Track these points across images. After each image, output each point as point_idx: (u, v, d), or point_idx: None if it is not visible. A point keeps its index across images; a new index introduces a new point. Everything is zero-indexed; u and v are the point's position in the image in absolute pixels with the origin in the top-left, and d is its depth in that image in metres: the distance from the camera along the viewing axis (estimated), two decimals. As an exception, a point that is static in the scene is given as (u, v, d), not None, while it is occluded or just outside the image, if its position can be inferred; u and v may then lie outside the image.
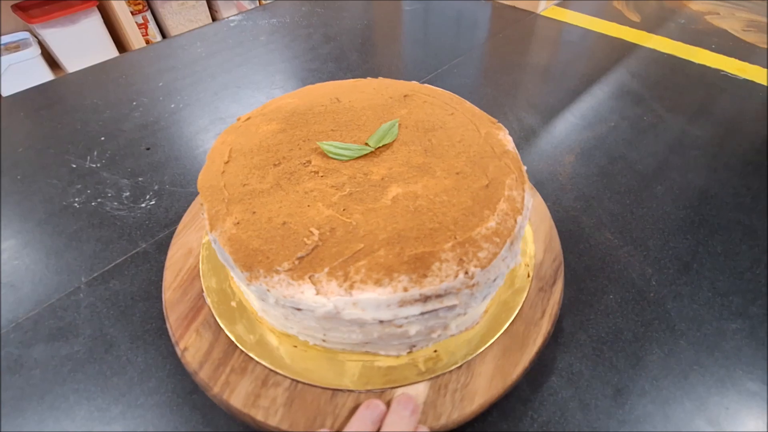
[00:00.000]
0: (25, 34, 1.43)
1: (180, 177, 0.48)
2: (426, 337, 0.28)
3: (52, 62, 1.49)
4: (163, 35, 1.71)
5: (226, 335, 0.31)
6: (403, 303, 0.24)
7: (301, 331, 0.29)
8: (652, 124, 0.55)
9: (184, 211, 0.40)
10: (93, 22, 1.48)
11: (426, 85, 0.38)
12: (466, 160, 0.30)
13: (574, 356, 0.33)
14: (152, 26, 1.64)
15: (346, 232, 0.25)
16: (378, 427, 0.25)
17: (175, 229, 0.38)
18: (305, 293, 0.24)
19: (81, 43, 1.47)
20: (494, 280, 0.27)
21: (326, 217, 0.26)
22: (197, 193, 0.44)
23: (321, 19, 0.81)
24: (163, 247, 0.40)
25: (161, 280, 0.34)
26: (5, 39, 1.41)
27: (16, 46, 1.40)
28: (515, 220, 0.27)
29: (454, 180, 0.28)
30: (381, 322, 0.25)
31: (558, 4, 0.84)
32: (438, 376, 0.28)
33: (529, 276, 0.33)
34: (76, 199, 0.46)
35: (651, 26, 0.77)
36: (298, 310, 0.25)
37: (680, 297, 0.36)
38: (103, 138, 0.54)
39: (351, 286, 0.23)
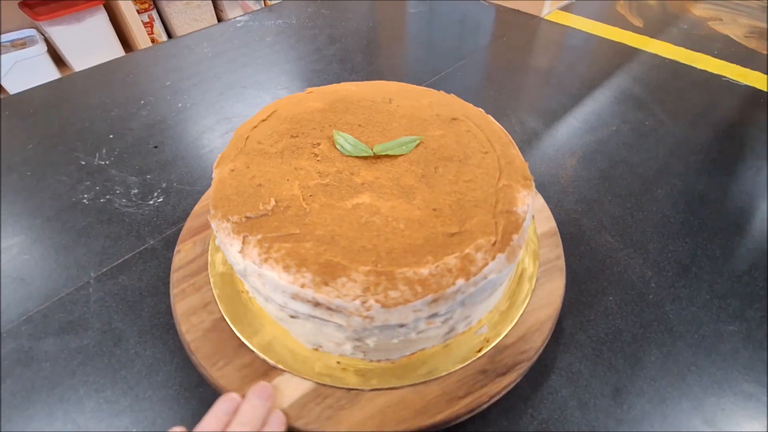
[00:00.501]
0: (32, 32, 1.44)
1: (187, 175, 0.49)
2: (326, 342, 0.28)
3: (58, 59, 1.50)
4: (168, 34, 1.72)
5: (207, 256, 0.35)
6: (295, 296, 0.25)
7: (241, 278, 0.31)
8: (653, 129, 0.55)
9: (191, 208, 0.41)
10: (99, 20, 1.48)
11: (489, 117, 0.35)
12: (454, 202, 0.27)
13: (574, 356, 0.33)
14: (158, 25, 1.65)
15: (295, 214, 0.27)
16: (230, 418, 0.26)
17: (182, 226, 0.39)
18: (233, 246, 0.26)
19: (87, 41, 1.48)
20: (400, 326, 0.25)
21: (292, 195, 0.28)
22: (204, 191, 0.45)
23: (326, 20, 0.82)
24: (170, 244, 0.41)
25: (168, 277, 0.35)
26: (12, 36, 1.42)
27: (23, 43, 1.41)
28: (454, 282, 0.24)
29: (426, 214, 0.27)
30: (278, 304, 0.26)
31: (561, 8, 0.85)
32: (325, 385, 0.28)
33: (479, 351, 0.30)
34: (85, 196, 0.46)
35: (654, 31, 0.77)
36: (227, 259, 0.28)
37: (679, 299, 0.37)
38: (111, 136, 0.54)
39: (265, 260, 0.25)
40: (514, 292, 0.34)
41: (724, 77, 0.65)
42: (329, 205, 0.27)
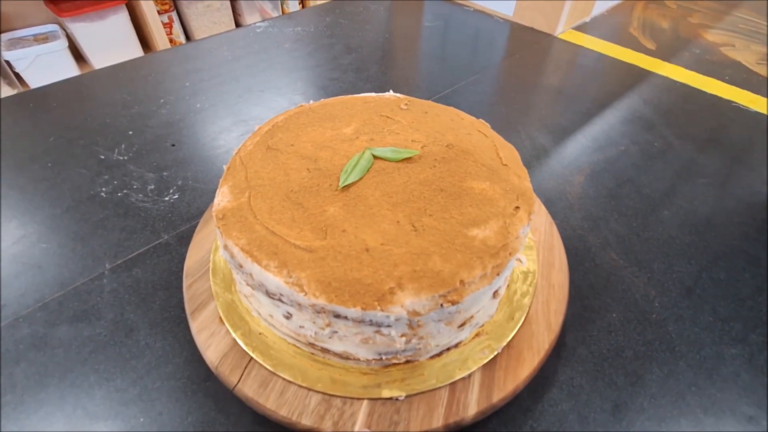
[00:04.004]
0: (54, 27, 1.48)
1: (203, 174, 0.50)
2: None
3: (78, 55, 1.53)
4: (187, 36, 1.76)
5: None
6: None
7: None
8: (661, 151, 0.56)
9: (206, 206, 0.42)
10: (121, 19, 1.52)
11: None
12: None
13: (575, 370, 0.34)
14: (177, 26, 1.69)
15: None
16: None
17: (197, 223, 0.40)
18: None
19: (107, 39, 1.51)
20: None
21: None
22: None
23: (344, 30, 0.83)
24: (184, 240, 0.42)
25: (181, 271, 0.36)
26: (35, 30, 1.46)
27: (45, 38, 1.45)
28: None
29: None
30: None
31: (575, 28, 0.86)
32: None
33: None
34: (103, 189, 0.48)
35: (666, 55, 0.78)
36: None
37: (682, 320, 0.37)
38: (130, 132, 0.56)
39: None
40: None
41: (734, 102, 0.65)
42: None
